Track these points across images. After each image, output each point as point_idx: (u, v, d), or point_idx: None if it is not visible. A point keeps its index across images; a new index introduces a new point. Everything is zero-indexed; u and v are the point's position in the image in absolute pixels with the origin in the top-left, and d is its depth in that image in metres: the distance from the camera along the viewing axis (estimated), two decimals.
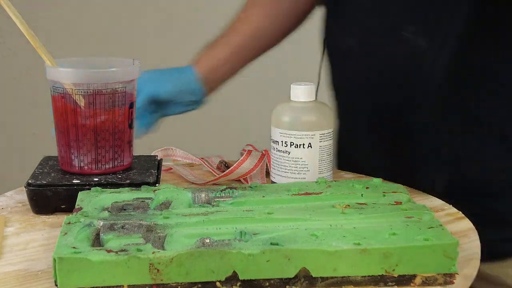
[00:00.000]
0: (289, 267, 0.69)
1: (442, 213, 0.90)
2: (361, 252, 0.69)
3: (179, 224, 0.75)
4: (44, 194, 0.90)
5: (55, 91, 0.93)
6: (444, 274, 0.70)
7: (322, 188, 0.85)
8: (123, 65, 0.96)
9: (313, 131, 0.91)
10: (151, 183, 0.91)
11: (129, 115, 0.95)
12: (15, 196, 0.97)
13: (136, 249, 0.68)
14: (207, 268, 0.68)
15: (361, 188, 0.85)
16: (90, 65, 0.96)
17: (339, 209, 0.79)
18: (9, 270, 0.75)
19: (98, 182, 0.91)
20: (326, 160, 0.93)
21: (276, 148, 0.93)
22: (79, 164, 0.94)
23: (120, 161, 0.95)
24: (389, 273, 0.70)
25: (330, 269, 0.69)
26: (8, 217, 0.89)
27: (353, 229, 0.73)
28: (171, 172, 1.06)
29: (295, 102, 0.93)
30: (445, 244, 0.69)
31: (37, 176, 0.93)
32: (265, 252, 0.68)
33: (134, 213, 0.78)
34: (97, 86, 0.91)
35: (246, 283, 0.69)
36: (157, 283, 0.68)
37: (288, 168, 0.93)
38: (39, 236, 0.84)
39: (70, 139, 0.93)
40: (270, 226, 0.74)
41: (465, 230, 0.84)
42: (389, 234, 0.72)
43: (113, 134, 0.94)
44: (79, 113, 0.92)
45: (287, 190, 0.84)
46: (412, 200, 0.82)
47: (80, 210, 0.79)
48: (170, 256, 0.67)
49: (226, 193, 0.83)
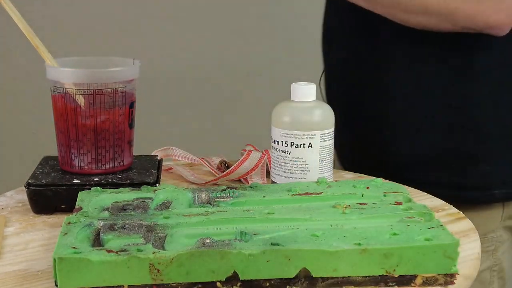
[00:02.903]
0: (290, 267, 0.68)
1: (442, 213, 0.89)
2: (361, 252, 0.69)
3: (179, 224, 0.75)
4: (44, 194, 0.90)
5: (55, 91, 0.93)
6: (445, 274, 0.70)
7: (323, 188, 0.85)
8: (123, 65, 0.96)
9: (313, 131, 0.91)
10: (151, 183, 0.91)
11: (129, 115, 0.95)
12: (15, 196, 0.97)
13: (136, 249, 0.68)
14: (207, 268, 0.68)
15: (361, 188, 0.85)
16: (90, 65, 0.96)
17: (339, 209, 0.79)
18: (9, 270, 0.74)
19: (98, 182, 0.91)
20: (326, 160, 0.93)
21: (277, 148, 0.93)
22: (79, 164, 0.93)
23: (120, 161, 0.95)
24: (389, 274, 0.70)
25: (331, 269, 0.69)
26: (8, 217, 0.89)
27: (354, 229, 0.73)
28: (171, 172, 1.06)
29: (296, 102, 0.92)
30: (445, 244, 0.69)
31: (37, 176, 0.93)
32: (265, 252, 0.68)
33: (134, 213, 0.78)
34: (97, 86, 0.91)
35: (247, 283, 0.69)
36: (157, 283, 0.68)
37: (288, 168, 0.92)
38: (39, 236, 0.84)
39: (70, 139, 0.93)
40: (270, 226, 0.74)
41: (465, 230, 0.84)
42: (390, 234, 0.72)
43: (113, 134, 0.94)
44: (79, 113, 0.92)
45: (287, 190, 0.84)
46: (413, 200, 0.82)
47: (80, 210, 0.79)
48: (170, 256, 0.67)
49: (226, 193, 0.83)
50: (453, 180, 1.08)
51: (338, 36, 1.18)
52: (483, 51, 1.05)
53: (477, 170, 1.08)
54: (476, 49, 1.05)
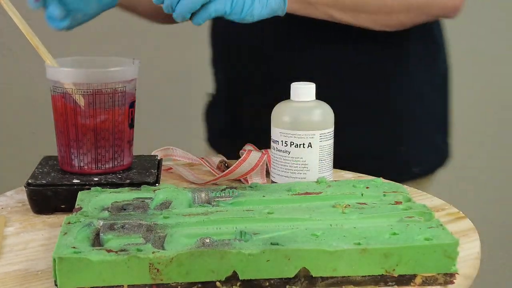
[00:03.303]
0: (289, 267, 0.68)
1: (442, 212, 0.89)
2: (361, 252, 0.69)
3: (179, 224, 0.75)
4: (44, 194, 0.90)
5: (55, 91, 0.93)
6: (444, 274, 0.70)
7: (322, 188, 0.85)
8: (123, 65, 0.96)
9: (313, 130, 0.91)
10: (151, 183, 0.91)
11: (129, 115, 0.95)
12: (15, 196, 0.97)
13: (136, 249, 0.68)
14: (207, 268, 0.68)
15: (361, 188, 0.85)
16: (90, 64, 0.96)
17: (339, 209, 0.79)
18: (9, 270, 0.74)
19: (98, 182, 0.91)
20: (326, 159, 0.93)
21: (276, 148, 0.93)
22: (79, 164, 0.94)
23: (120, 161, 0.95)
24: (389, 273, 0.70)
25: (330, 269, 0.69)
26: (8, 217, 0.89)
27: (353, 229, 0.73)
28: (171, 172, 1.06)
29: (295, 102, 0.92)
30: (445, 244, 0.69)
31: (37, 176, 0.93)
32: (265, 252, 0.68)
33: (134, 213, 0.78)
34: (97, 85, 0.91)
35: (246, 283, 0.69)
36: (157, 283, 0.68)
37: (288, 168, 0.92)
38: (39, 236, 0.84)
39: (70, 139, 0.93)
40: (270, 226, 0.74)
41: (465, 230, 0.84)
42: (389, 234, 0.72)
43: (113, 134, 0.94)
44: (79, 112, 0.92)
45: (287, 190, 0.84)
46: (413, 200, 0.82)
47: (80, 210, 0.79)
48: (170, 256, 0.67)
49: (226, 193, 0.83)
50: (377, 164, 1.13)
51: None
52: (409, 42, 1.15)
53: (398, 152, 1.16)
54: (402, 41, 1.14)
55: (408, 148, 1.17)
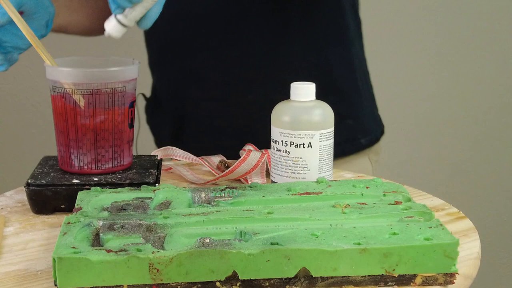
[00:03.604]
0: (289, 267, 0.68)
1: (442, 212, 0.89)
2: (361, 251, 0.69)
3: (179, 224, 0.75)
4: (43, 194, 0.90)
5: (55, 91, 0.93)
6: (444, 274, 0.70)
7: (322, 187, 0.85)
8: (123, 64, 0.96)
9: (313, 130, 0.91)
10: (151, 183, 0.91)
11: (129, 115, 0.95)
12: (15, 196, 0.97)
13: (135, 249, 0.68)
14: (207, 268, 0.68)
15: (361, 188, 0.85)
16: (90, 64, 0.96)
17: (339, 208, 0.79)
18: (9, 270, 0.74)
19: (98, 182, 0.91)
20: (326, 159, 0.93)
21: (276, 148, 0.93)
22: (78, 164, 0.94)
23: (120, 161, 0.95)
24: (389, 273, 0.70)
25: (330, 269, 0.69)
26: (7, 217, 0.89)
27: (353, 228, 0.73)
28: (171, 172, 1.06)
29: (295, 102, 0.92)
30: (445, 244, 0.69)
31: (36, 176, 0.93)
32: (265, 252, 0.68)
33: (133, 213, 0.78)
34: (96, 85, 0.91)
35: (246, 283, 0.69)
36: (157, 283, 0.68)
37: (288, 167, 0.92)
38: (38, 236, 0.84)
39: (70, 139, 0.93)
40: (270, 226, 0.74)
41: (465, 230, 0.84)
42: (389, 233, 0.72)
43: (112, 134, 0.94)
44: (78, 112, 0.92)
45: (287, 190, 0.84)
46: (412, 199, 0.82)
47: (80, 210, 0.79)
48: (170, 256, 0.67)
49: (226, 193, 0.83)
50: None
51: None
52: (341, 18, 1.19)
53: (345, 126, 1.19)
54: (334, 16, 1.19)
55: (354, 120, 1.23)
